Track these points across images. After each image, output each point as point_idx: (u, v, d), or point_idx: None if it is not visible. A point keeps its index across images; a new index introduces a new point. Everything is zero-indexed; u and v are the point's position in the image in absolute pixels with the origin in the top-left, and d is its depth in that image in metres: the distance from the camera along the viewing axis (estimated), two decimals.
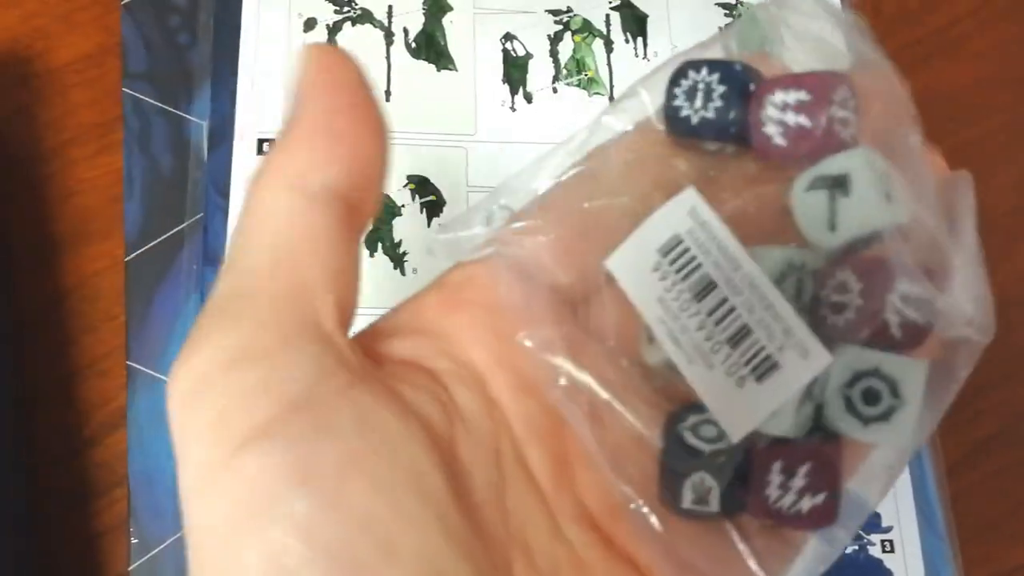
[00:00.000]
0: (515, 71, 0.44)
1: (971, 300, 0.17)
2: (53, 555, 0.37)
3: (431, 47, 0.43)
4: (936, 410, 0.16)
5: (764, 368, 0.16)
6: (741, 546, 0.17)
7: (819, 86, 0.17)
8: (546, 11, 0.45)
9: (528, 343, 0.18)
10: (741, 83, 0.17)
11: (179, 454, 0.16)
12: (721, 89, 0.17)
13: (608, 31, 0.45)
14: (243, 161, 0.41)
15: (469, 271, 0.20)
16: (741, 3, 0.46)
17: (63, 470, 0.38)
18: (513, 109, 0.43)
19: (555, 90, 0.44)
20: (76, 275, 0.40)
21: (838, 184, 0.16)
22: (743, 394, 0.16)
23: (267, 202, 0.17)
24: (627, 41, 0.45)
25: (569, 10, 0.45)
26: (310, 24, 0.43)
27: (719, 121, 0.17)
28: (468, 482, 0.17)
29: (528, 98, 0.44)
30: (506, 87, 0.43)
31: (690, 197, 0.17)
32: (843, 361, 0.16)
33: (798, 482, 0.16)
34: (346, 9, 0.43)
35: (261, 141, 0.41)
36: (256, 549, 0.14)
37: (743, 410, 0.16)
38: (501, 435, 0.18)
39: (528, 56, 0.44)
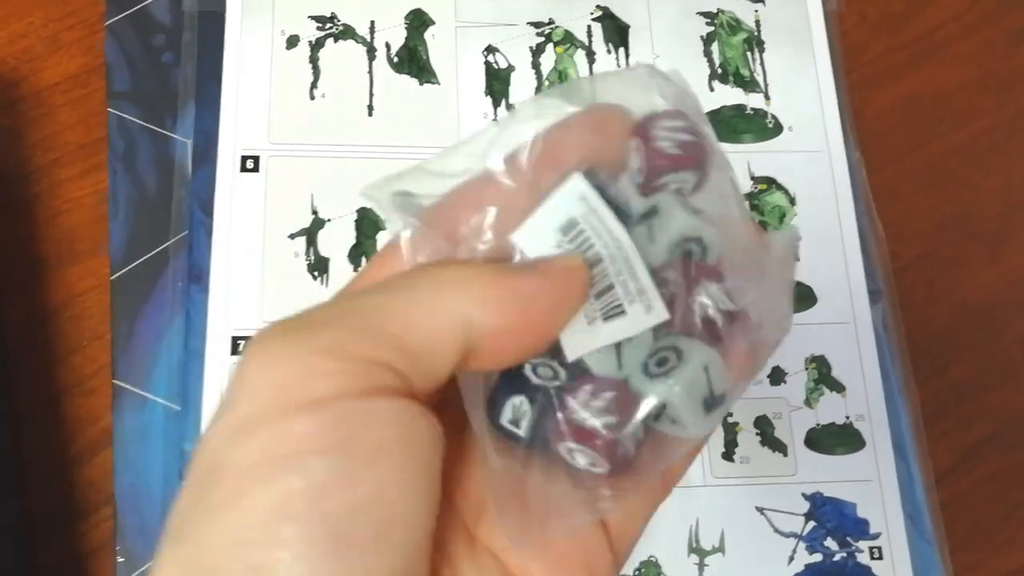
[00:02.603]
0: (497, 83, 0.44)
1: (773, 308, 0.20)
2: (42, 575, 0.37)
3: (413, 61, 0.44)
4: (740, 388, 0.20)
5: (613, 313, 0.19)
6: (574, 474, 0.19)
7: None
8: (528, 23, 0.45)
9: None
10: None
11: (228, 398, 0.17)
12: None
13: (590, 42, 0.45)
14: (227, 179, 0.41)
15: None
16: (721, 11, 0.46)
17: (51, 490, 0.38)
18: (496, 121, 0.43)
19: None
20: (63, 295, 0.40)
21: (652, 212, 0.20)
22: (590, 329, 0.19)
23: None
24: (609, 51, 0.45)
25: (551, 22, 0.45)
26: (293, 41, 0.43)
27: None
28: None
29: (511, 110, 0.44)
30: (489, 99, 0.44)
31: (578, 184, 0.20)
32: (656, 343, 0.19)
33: (598, 403, 0.19)
34: (328, 26, 0.44)
35: (244, 158, 0.41)
36: (271, 490, 0.15)
37: (584, 338, 0.19)
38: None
39: (510, 68, 0.44)
